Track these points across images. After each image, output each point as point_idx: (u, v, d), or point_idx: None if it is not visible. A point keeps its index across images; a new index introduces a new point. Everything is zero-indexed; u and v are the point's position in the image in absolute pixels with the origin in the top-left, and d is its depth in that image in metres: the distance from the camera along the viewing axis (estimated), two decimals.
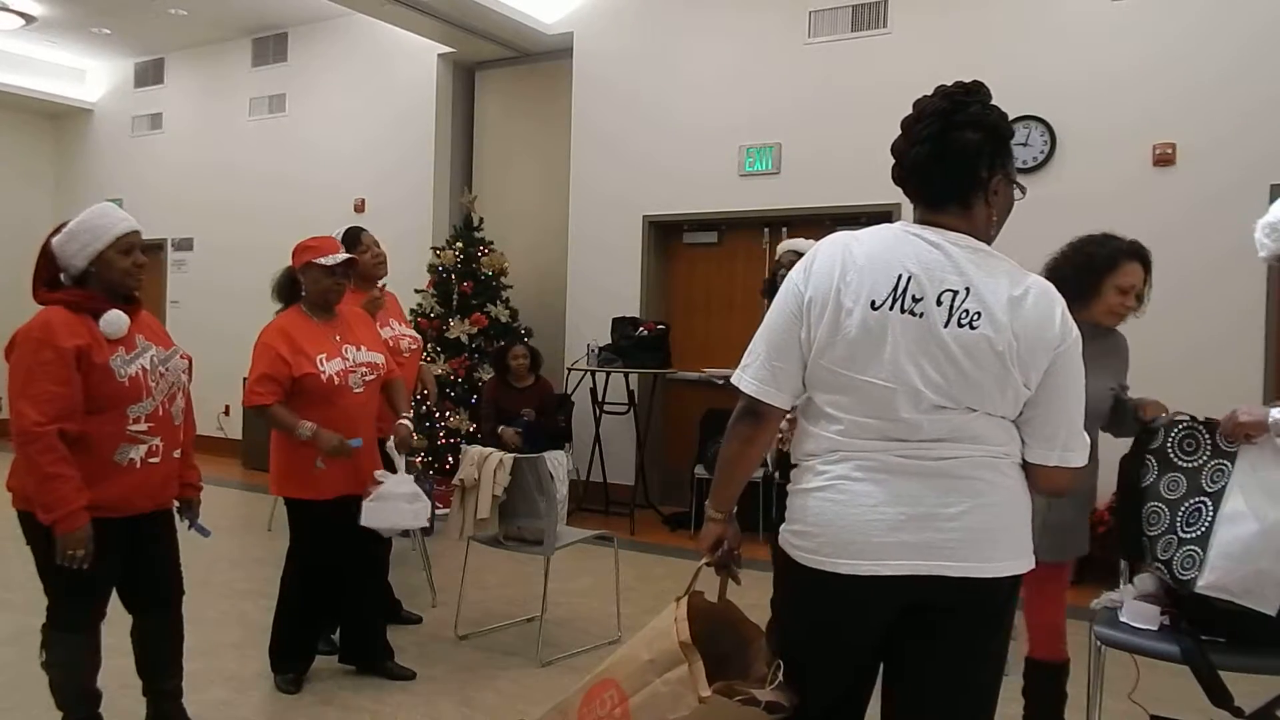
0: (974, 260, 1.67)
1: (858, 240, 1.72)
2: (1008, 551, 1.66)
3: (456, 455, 5.86)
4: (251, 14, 8.44)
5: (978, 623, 1.69)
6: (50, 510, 2.39)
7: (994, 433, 1.66)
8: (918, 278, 1.64)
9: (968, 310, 1.62)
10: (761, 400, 1.73)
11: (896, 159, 1.77)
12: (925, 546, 1.62)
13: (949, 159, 1.68)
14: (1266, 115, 4.97)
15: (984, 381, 1.62)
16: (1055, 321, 1.65)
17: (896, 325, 1.63)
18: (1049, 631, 2.66)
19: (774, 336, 1.74)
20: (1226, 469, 2.21)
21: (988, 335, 1.61)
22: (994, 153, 1.70)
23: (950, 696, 1.71)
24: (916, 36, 5.94)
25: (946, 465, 1.63)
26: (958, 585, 1.62)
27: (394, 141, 8.09)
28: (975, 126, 1.68)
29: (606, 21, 7.10)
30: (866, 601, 1.67)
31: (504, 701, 3.36)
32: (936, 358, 1.62)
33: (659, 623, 1.87)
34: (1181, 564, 2.15)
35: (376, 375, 3.41)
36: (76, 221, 2.56)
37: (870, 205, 5.86)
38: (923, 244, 1.67)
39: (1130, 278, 2.52)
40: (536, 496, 3.78)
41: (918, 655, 1.72)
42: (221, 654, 3.71)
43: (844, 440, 1.68)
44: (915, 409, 1.62)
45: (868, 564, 1.63)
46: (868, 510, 1.64)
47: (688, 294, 6.99)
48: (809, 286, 1.70)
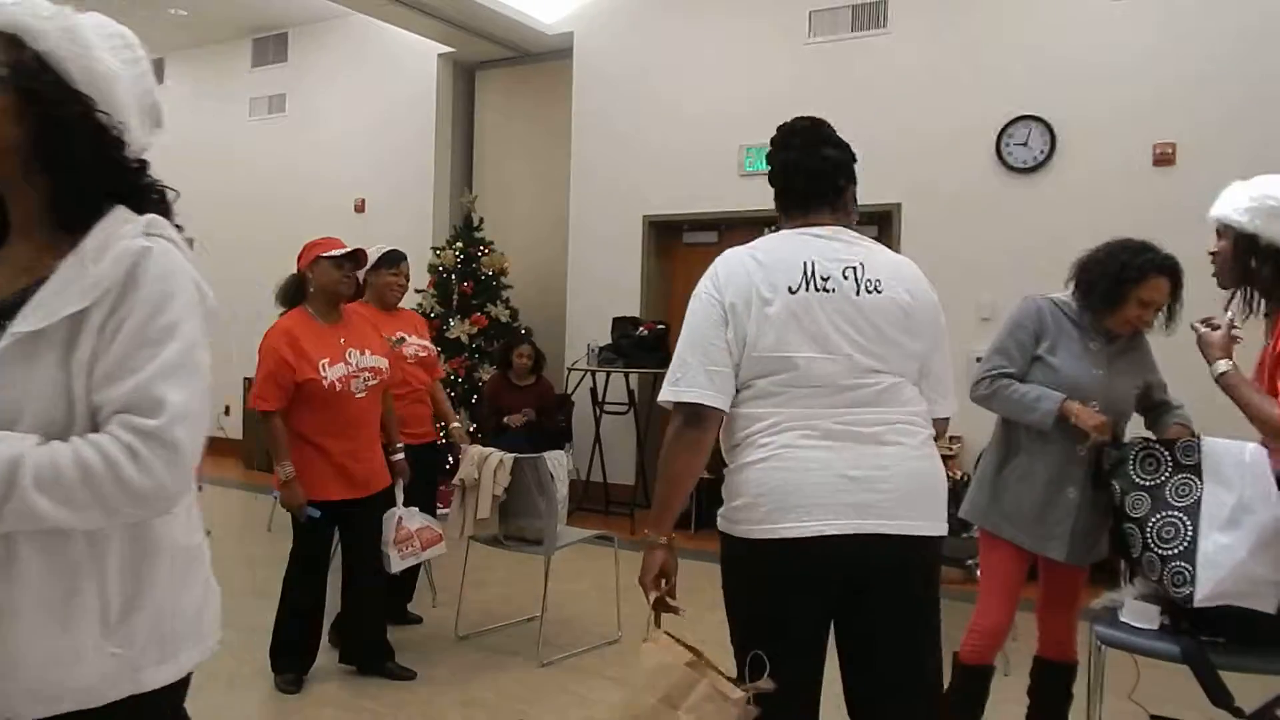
0: (858, 243, 1.91)
1: (754, 248, 1.91)
2: (933, 513, 1.83)
3: (457, 455, 5.86)
4: (251, 14, 8.44)
5: (914, 577, 1.82)
6: None
7: (912, 398, 1.85)
8: (820, 262, 1.84)
9: (870, 279, 1.84)
10: (704, 404, 1.82)
11: (771, 170, 2.04)
12: (864, 507, 1.75)
13: (819, 164, 1.94)
14: (1267, 115, 4.97)
15: (899, 341, 1.83)
16: (929, 289, 1.92)
17: (815, 302, 1.81)
18: (1062, 632, 2.67)
19: (701, 344, 1.85)
20: (1192, 483, 2.22)
21: (892, 296, 1.84)
22: (848, 168, 1.98)
23: (904, 642, 1.83)
24: (916, 36, 5.93)
25: (877, 432, 1.79)
26: (897, 543, 1.76)
27: (394, 141, 8.09)
28: (834, 145, 1.97)
29: (606, 21, 7.09)
30: (811, 564, 1.76)
31: (504, 701, 3.36)
32: (857, 322, 1.81)
33: (646, 665, 1.84)
34: (1172, 581, 2.16)
35: (379, 380, 3.41)
36: None
37: (870, 205, 5.80)
38: (812, 238, 1.90)
39: (1154, 293, 2.48)
40: (537, 496, 3.78)
41: (865, 614, 1.82)
42: (221, 654, 3.69)
43: (785, 411, 1.80)
44: (850, 375, 1.79)
45: (814, 524, 1.73)
46: (813, 474, 1.76)
47: (688, 294, 6.72)
48: (725, 292, 1.85)
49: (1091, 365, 2.51)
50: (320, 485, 3.29)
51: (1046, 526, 2.51)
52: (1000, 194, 5.63)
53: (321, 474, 3.29)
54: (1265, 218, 2.13)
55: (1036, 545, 2.54)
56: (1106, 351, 2.56)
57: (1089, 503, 2.49)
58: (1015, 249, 5.41)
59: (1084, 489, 2.49)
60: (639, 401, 6.63)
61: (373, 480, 3.41)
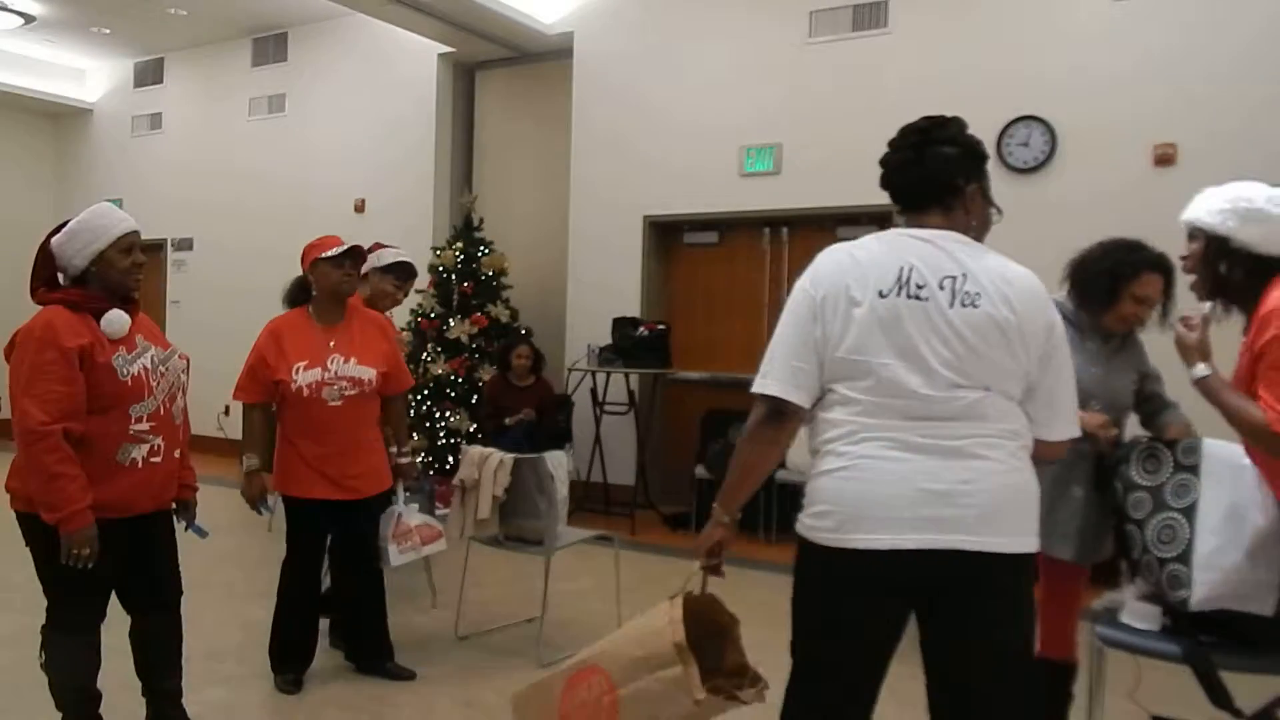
0: (965, 250, 1.81)
1: (856, 245, 1.85)
2: (1020, 529, 1.74)
3: (456, 455, 5.86)
4: (251, 14, 8.44)
5: (999, 596, 1.74)
6: (56, 509, 2.39)
7: (1005, 413, 1.75)
8: (918, 268, 1.77)
9: (968, 292, 1.75)
10: (786, 400, 1.79)
11: (883, 168, 1.94)
12: (944, 521, 1.68)
13: (928, 165, 1.86)
14: (1267, 115, 4.97)
15: (993, 357, 1.73)
16: (1046, 305, 1.81)
17: (904, 309, 1.74)
18: (1062, 631, 2.67)
19: (792, 339, 1.81)
20: (1191, 483, 2.21)
21: (989, 312, 1.74)
22: (970, 167, 1.89)
23: (980, 661, 1.75)
24: (916, 36, 5.93)
25: (963, 444, 1.71)
26: (975, 560, 1.68)
27: (394, 141, 8.09)
28: (952, 143, 1.89)
29: (606, 21, 7.09)
30: (884, 579, 1.71)
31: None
32: (946, 336, 1.73)
33: (651, 620, 1.88)
34: (1169, 584, 2.16)
35: (360, 391, 3.30)
36: (76, 221, 2.56)
37: (871, 205, 5.80)
38: (916, 241, 1.82)
39: (1148, 288, 2.53)
40: (537, 497, 3.78)
41: (941, 631, 1.76)
42: (221, 654, 3.71)
43: (865, 421, 1.74)
44: (932, 387, 1.71)
45: (889, 538, 1.68)
46: (890, 485, 1.70)
47: (688, 294, 6.98)
48: (820, 287, 1.80)
49: (1089, 364, 2.52)
50: (304, 484, 3.30)
51: (1055, 526, 2.51)
52: (1001, 194, 5.46)
53: (303, 473, 3.30)
54: (1239, 219, 2.06)
55: (1044, 546, 2.54)
56: (1104, 350, 2.60)
57: (1095, 500, 2.50)
58: (1016, 249, 5.40)
59: (1089, 487, 2.50)
60: (639, 402, 6.63)
61: (361, 485, 3.36)
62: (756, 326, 6.50)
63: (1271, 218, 2.03)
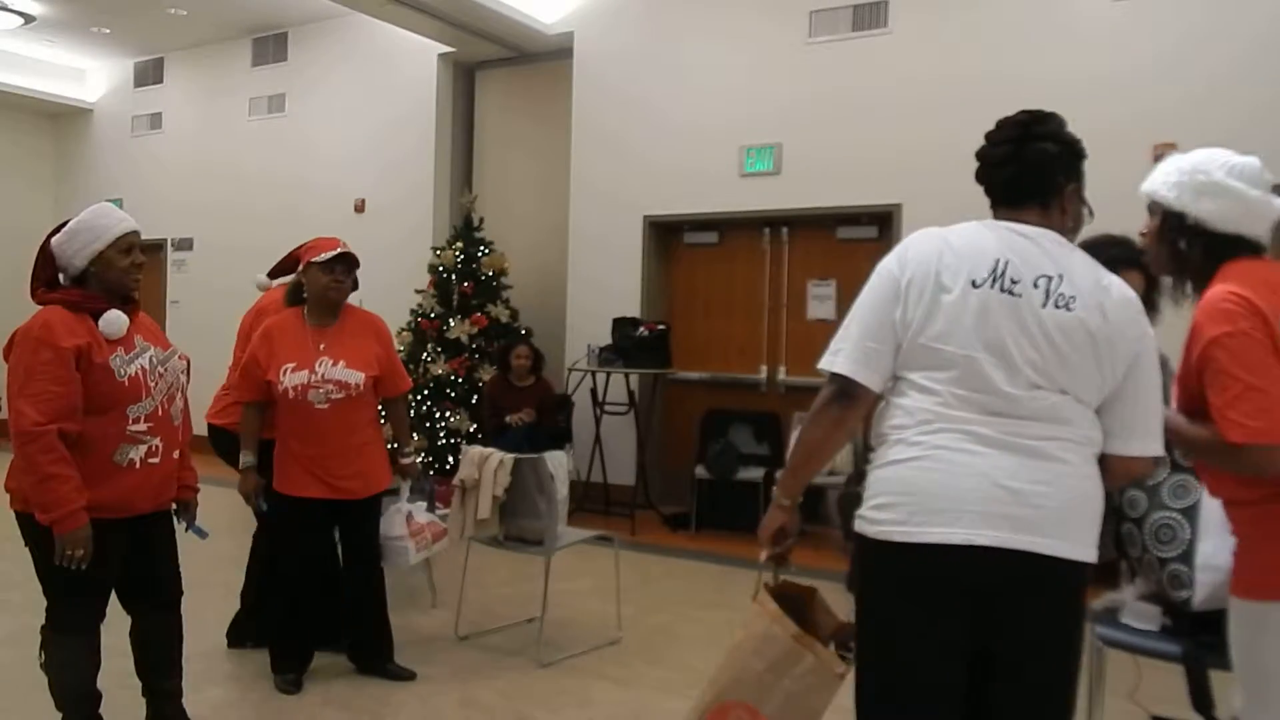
0: (1063, 251, 1.75)
1: (952, 231, 1.79)
2: (1087, 538, 1.68)
3: (456, 455, 5.85)
4: (251, 14, 8.43)
5: (1062, 605, 1.69)
6: (49, 510, 2.39)
7: (1082, 419, 1.70)
8: (1014, 263, 1.71)
9: (1063, 294, 1.69)
10: (856, 380, 1.74)
11: (980, 161, 1.87)
12: (1019, 520, 1.62)
13: (1028, 160, 1.79)
14: (1267, 116, 4.97)
15: (1077, 363, 1.68)
16: (1137, 315, 1.74)
17: (995, 303, 1.69)
18: None
19: (868, 319, 1.76)
20: (1191, 483, 2.20)
21: (1081, 317, 1.68)
22: (1070, 165, 1.82)
23: (1036, 668, 1.69)
24: (916, 36, 5.92)
25: (1042, 445, 1.66)
26: (1045, 564, 1.62)
27: (394, 141, 8.08)
28: (1054, 139, 1.81)
29: (606, 21, 7.09)
30: (953, 573, 1.64)
31: (504, 701, 3.36)
32: (1034, 336, 1.67)
33: (752, 630, 1.88)
34: (1171, 584, 2.15)
35: (346, 395, 3.27)
36: (76, 221, 2.56)
37: (871, 205, 5.86)
38: (1014, 235, 1.76)
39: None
40: (537, 497, 3.78)
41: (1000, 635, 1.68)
42: (221, 654, 3.71)
43: (943, 410, 1.69)
44: (1013, 385, 1.66)
45: (961, 532, 1.62)
46: (966, 479, 1.64)
47: (688, 294, 6.98)
48: (906, 269, 1.75)
49: None
50: (298, 483, 3.30)
51: None
52: None
53: (296, 472, 3.30)
54: (1192, 193, 1.89)
55: None
56: None
57: None
58: None
59: None
60: (639, 402, 6.62)
61: (354, 486, 3.35)
62: (756, 326, 6.49)
63: (1228, 191, 1.86)
